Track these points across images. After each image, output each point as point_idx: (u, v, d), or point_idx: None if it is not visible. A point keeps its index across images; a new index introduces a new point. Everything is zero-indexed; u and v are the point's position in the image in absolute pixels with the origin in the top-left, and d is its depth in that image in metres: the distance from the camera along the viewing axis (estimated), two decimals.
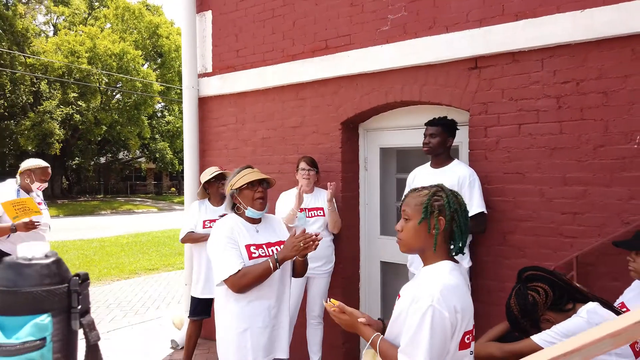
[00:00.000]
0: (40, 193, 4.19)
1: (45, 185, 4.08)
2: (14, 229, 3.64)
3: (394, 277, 4.04)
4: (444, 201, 1.64)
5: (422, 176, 3.31)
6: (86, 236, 12.61)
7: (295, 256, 2.39)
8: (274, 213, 3.83)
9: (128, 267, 8.56)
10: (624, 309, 2.44)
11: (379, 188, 4.03)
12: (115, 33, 26.48)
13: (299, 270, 2.63)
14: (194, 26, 4.72)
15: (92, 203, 26.18)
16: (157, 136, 30.71)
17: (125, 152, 32.41)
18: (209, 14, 4.72)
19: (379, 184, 4.04)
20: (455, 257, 1.70)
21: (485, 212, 3.06)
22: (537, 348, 2.08)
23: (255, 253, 2.44)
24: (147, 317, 5.61)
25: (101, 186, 35.31)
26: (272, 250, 2.51)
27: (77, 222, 17.43)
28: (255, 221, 2.57)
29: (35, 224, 3.69)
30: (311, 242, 2.33)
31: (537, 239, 3.06)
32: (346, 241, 3.98)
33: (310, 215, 3.73)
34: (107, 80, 25.38)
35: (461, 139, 3.47)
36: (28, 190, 4.00)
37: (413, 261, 3.29)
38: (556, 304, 2.14)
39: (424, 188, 1.71)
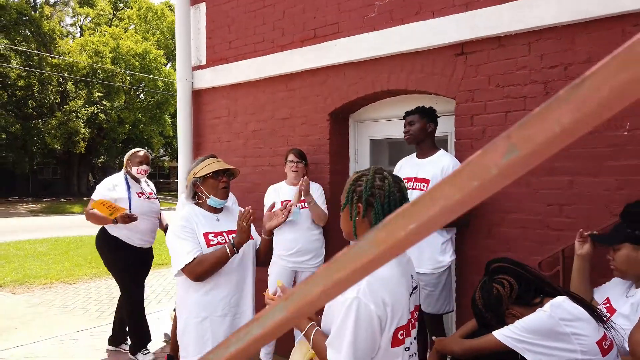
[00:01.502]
0: (149, 182, 4.47)
1: (145, 168, 4.21)
2: (115, 222, 3.84)
3: None
4: (362, 187, 1.55)
5: (407, 167, 3.21)
6: None
7: (248, 237, 2.34)
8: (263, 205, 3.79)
9: None
10: (608, 305, 2.30)
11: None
12: (138, 33, 26.95)
13: (262, 256, 2.60)
14: (188, 18, 4.70)
15: None
16: None
17: (149, 150, 33.01)
18: (203, 6, 4.71)
19: None
20: None
21: None
22: (498, 344, 1.96)
23: (213, 240, 2.41)
24: (147, 311, 5.63)
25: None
26: (232, 237, 2.47)
27: None
28: (216, 210, 2.54)
29: (133, 217, 3.89)
30: (249, 216, 2.31)
31: (523, 231, 2.92)
32: (336, 235, 3.89)
33: (299, 208, 3.67)
34: (130, 80, 25.86)
35: (449, 129, 3.35)
36: (135, 179, 4.20)
37: None
38: (522, 298, 2.01)
39: (358, 172, 1.63)
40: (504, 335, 1.92)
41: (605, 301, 2.34)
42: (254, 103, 4.32)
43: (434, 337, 2.30)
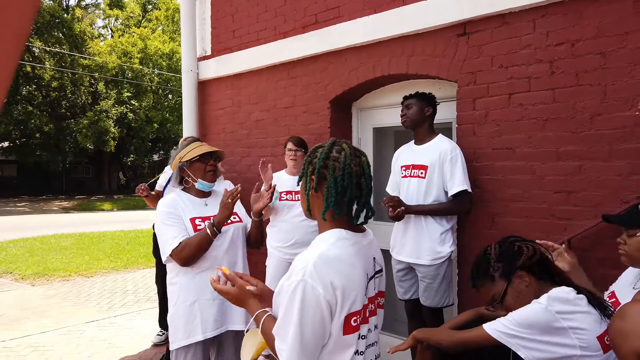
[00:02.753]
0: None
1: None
2: None
3: (388, 265, 3.79)
4: (317, 158, 1.42)
5: (406, 154, 3.06)
6: (129, 228, 13.05)
7: (229, 216, 2.28)
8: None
9: None
10: (613, 299, 2.11)
11: (372, 170, 3.79)
12: (165, 34, 27.39)
13: (253, 237, 2.54)
14: (193, 9, 4.67)
15: None
16: None
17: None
18: None
19: (372, 166, 3.79)
20: (361, 225, 1.47)
21: (469, 190, 2.77)
22: (489, 338, 1.81)
23: (200, 225, 2.36)
24: (157, 304, 5.64)
25: (156, 182, 36.65)
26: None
27: (127, 215, 18.13)
28: (205, 195, 2.48)
29: None
30: (236, 194, 2.28)
31: (528, 220, 2.74)
32: None
33: (297, 199, 3.56)
34: (158, 80, 26.30)
35: (453, 115, 3.18)
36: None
37: (394, 246, 3.05)
38: (537, 272, 1.85)
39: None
40: (495, 329, 1.76)
41: (610, 295, 2.14)
42: (257, 92, 4.24)
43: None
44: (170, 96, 27.91)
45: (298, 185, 1.51)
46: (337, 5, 3.61)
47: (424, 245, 2.85)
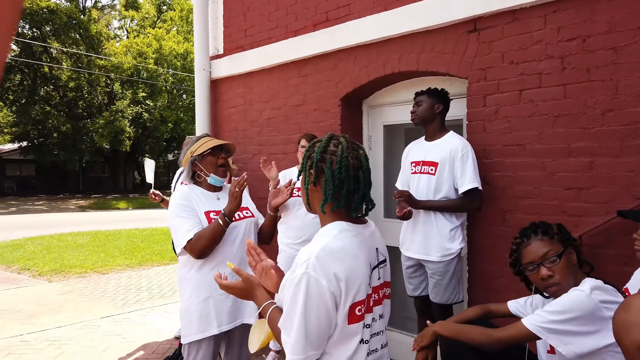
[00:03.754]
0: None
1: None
2: None
3: (397, 261, 3.79)
4: (315, 152, 1.44)
5: (416, 150, 3.07)
6: (143, 226, 13.21)
7: (239, 205, 2.30)
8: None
9: (170, 254, 8.82)
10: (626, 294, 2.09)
11: (382, 168, 3.81)
12: (180, 34, 27.64)
13: (265, 232, 2.56)
14: (206, 8, 4.71)
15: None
16: None
17: None
18: None
19: (382, 164, 3.81)
20: (361, 217, 1.50)
21: (480, 187, 2.76)
22: (528, 334, 1.77)
23: (215, 219, 2.37)
24: (170, 300, 5.73)
25: (170, 181, 37.05)
26: (235, 215, 2.45)
27: (142, 214, 18.35)
28: (216, 189, 2.50)
29: None
30: (242, 182, 2.29)
31: (539, 217, 2.69)
32: None
33: None
34: (172, 80, 26.55)
35: (464, 112, 3.17)
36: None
37: (404, 242, 3.05)
38: (579, 256, 1.89)
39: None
40: (535, 324, 1.73)
41: (624, 291, 2.13)
42: (269, 90, 4.27)
43: (428, 322, 2.15)
44: (184, 96, 28.17)
45: (298, 179, 1.53)
46: (348, 3, 3.62)
47: (433, 241, 2.85)
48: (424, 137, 3.06)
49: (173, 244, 4.27)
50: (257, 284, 1.55)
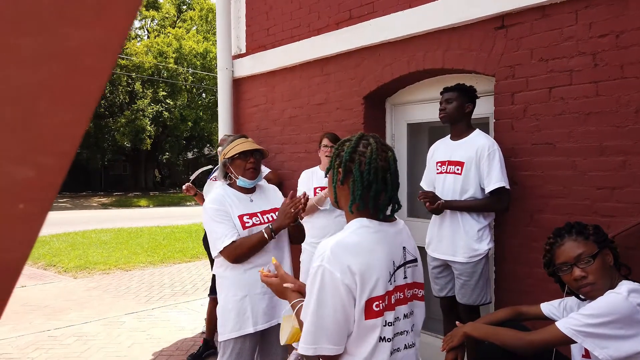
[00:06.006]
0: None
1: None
2: None
3: (423, 261, 3.76)
4: (344, 151, 1.44)
5: (441, 149, 3.03)
6: (164, 224, 13.38)
7: (290, 223, 2.34)
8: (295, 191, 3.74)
9: (191, 251, 8.92)
10: None
11: (406, 166, 3.77)
12: (199, 34, 27.86)
13: (295, 235, 2.59)
14: (229, 7, 4.73)
15: (180, 195, 27.83)
16: None
17: (210, 147, 34.08)
18: None
19: (406, 162, 3.78)
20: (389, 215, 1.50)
21: (507, 187, 2.71)
22: (562, 337, 1.73)
23: (248, 222, 2.42)
24: (192, 298, 5.79)
25: (187, 179, 37.44)
26: (266, 217, 2.49)
27: (163, 212, 18.60)
28: (249, 191, 2.54)
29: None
30: (300, 205, 2.30)
31: (569, 218, 2.65)
32: None
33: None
34: (192, 79, 26.79)
35: (491, 109, 3.13)
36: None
37: (430, 242, 3.02)
38: (616, 258, 1.87)
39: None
40: (570, 327, 1.70)
41: None
42: (291, 89, 4.28)
43: (457, 323, 2.13)
44: (204, 95, 28.39)
45: (326, 177, 1.54)
46: (372, 1, 3.59)
47: (460, 242, 2.81)
48: (450, 135, 3.02)
49: (204, 240, 4.33)
50: (286, 286, 1.59)
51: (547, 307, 2.14)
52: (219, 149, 3.95)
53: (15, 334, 4.43)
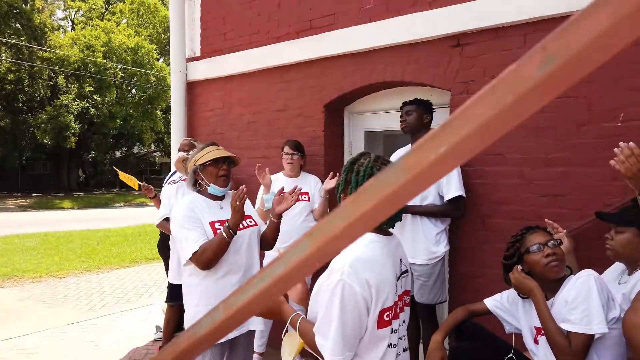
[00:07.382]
0: None
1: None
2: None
3: None
4: (352, 170, 1.57)
5: None
6: (95, 227, 12.72)
7: (242, 217, 2.34)
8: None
9: (129, 256, 8.60)
10: None
11: None
12: (130, 27, 26.70)
13: (270, 239, 2.63)
14: (183, 9, 4.67)
15: (107, 196, 26.52)
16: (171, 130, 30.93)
17: (140, 146, 32.72)
18: None
19: None
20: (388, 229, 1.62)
21: (464, 195, 2.94)
22: (590, 337, 1.81)
23: (220, 229, 2.40)
24: (138, 304, 5.61)
25: (117, 179, 35.68)
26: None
27: (89, 214, 17.65)
28: (219, 198, 2.53)
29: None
30: (243, 196, 2.33)
31: (516, 222, 2.92)
32: None
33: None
34: (122, 75, 25.62)
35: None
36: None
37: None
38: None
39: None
40: (590, 327, 1.76)
41: None
42: (249, 95, 4.30)
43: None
44: (134, 91, 27.25)
45: (337, 193, 1.63)
46: (333, 13, 3.71)
47: (420, 245, 3.00)
48: (410, 144, 3.21)
49: (159, 245, 4.22)
50: (282, 300, 1.63)
51: (490, 302, 2.37)
52: (180, 153, 3.90)
53: None
